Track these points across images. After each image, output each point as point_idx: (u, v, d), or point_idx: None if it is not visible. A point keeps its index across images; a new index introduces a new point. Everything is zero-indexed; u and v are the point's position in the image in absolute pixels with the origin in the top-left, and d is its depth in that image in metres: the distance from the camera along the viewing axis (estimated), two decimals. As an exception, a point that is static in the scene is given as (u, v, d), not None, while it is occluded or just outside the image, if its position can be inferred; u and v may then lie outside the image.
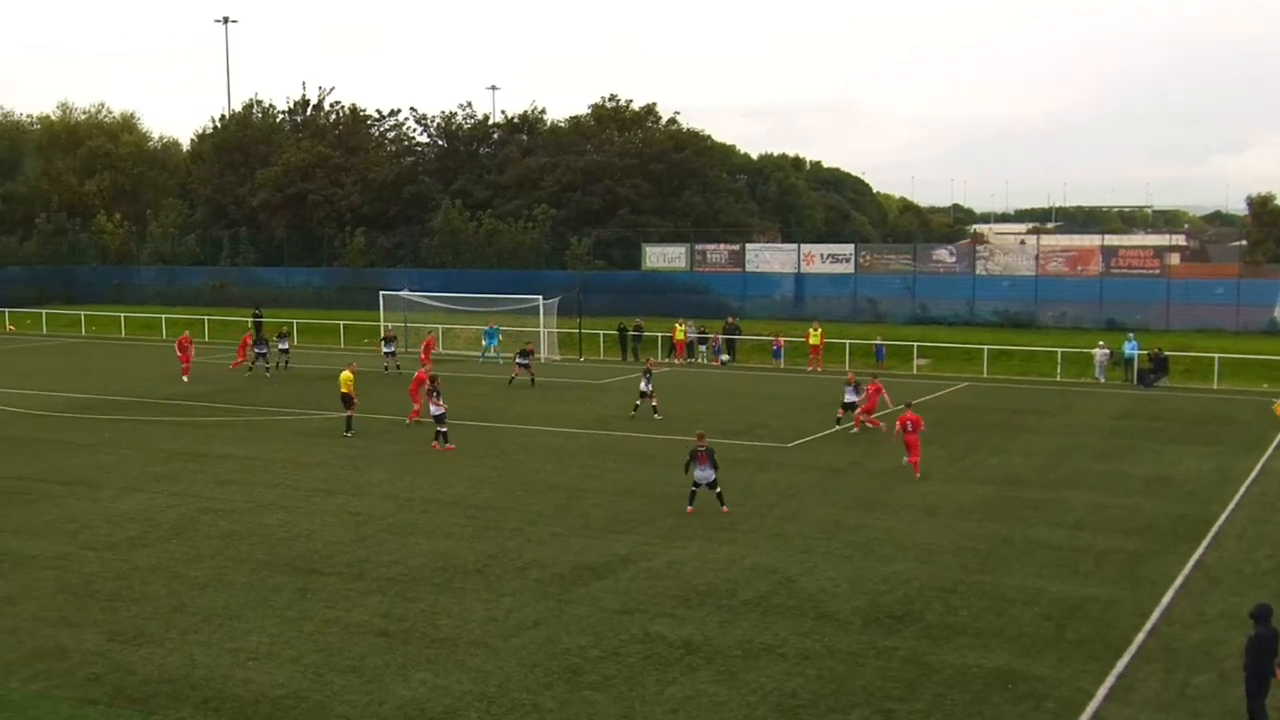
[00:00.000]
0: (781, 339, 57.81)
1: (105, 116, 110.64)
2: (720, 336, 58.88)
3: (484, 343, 58.05)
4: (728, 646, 18.78)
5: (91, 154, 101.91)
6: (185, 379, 48.61)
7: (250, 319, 69.38)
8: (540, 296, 59.71)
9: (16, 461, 33.27)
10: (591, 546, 24.34)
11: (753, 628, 19.63)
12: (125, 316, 75.02)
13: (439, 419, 35.53)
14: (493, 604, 20.75)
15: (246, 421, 40.12)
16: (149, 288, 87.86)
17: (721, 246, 74.25)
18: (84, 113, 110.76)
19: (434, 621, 19.87)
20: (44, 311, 79.16)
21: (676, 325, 59.47)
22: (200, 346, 60.61)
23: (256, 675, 17.58)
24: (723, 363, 57.55)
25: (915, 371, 54.18)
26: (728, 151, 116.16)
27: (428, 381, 37.55)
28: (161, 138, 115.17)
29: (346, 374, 37.98)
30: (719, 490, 27.14)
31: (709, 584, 21.93)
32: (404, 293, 63.00)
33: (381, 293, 63.75)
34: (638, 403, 41.26)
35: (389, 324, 60.30)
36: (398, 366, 51.74)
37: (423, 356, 49.28)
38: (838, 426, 38.44)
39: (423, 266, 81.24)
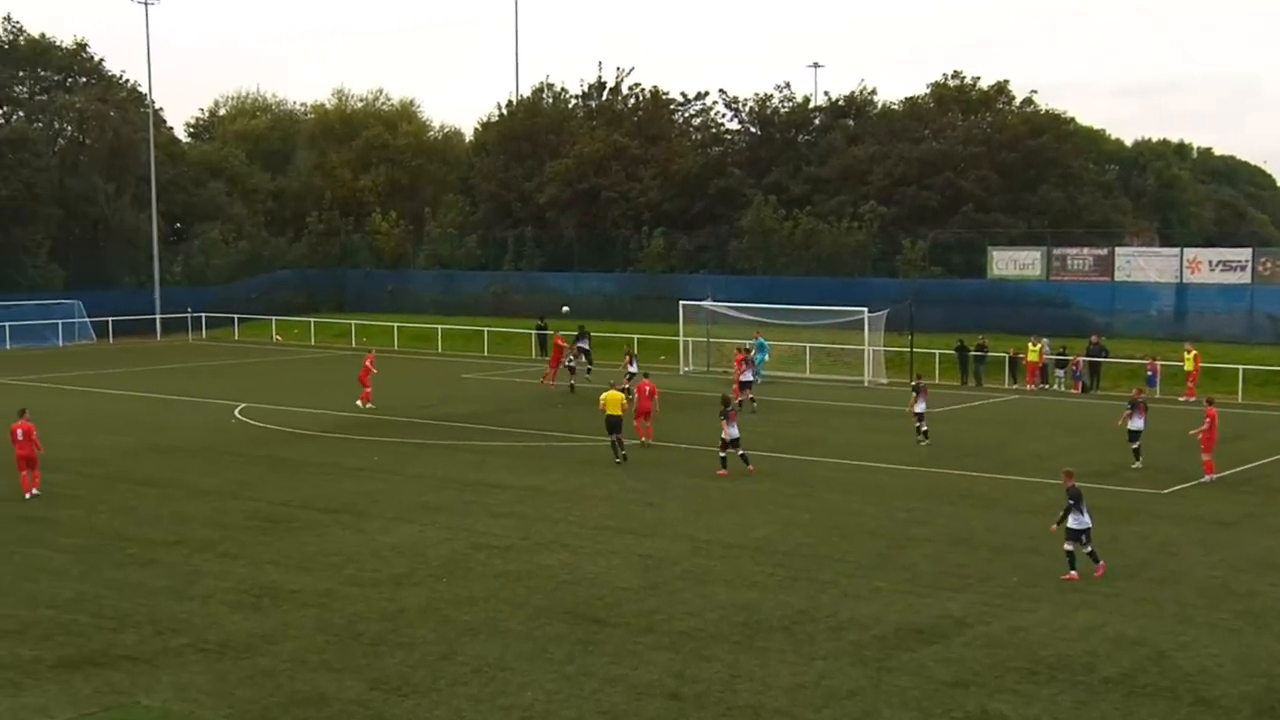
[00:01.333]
0: (1158, 362, 55.77)
1: (383, 104, 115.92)
2: (1082, 359, 57.29)
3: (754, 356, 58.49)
4: (1082, 733, 18.20)
5: (367, 146, 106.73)
6: (362, 404, 49.86)
7: (534, 331, 71.67)
8: (865, 309, 59.40)
9: (281, 486, 35.24)
10: (919, 605, 24.00)
11: (1114, 711, 18.96)
12: (398, 327, 78.31)
13: (732, 443, 36.11)
14: (801, 668, 20.69)
15: (526, 447, 41.33)
16: (425, 295, 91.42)
17: (1085, 250, 72.29)
18: (360, 101, 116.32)
19: (732, 685, 19.95)
20: (312, 320, 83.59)
21: (1029, 344, 58.20)
22: (477, 361, 62.96)
23: (530, 736, 18.02)
24: (1083, 389, 56.06)
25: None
26: (1095, 137, 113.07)
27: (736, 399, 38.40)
28: (442, 127, 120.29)
29: (614, 394, 38.91)
30: (1090, 548, 26.14)
31: (1060, 656, 21.31)
32: (706, 303, 63.74)
33: (682, 303, 64.66)
34: (923, 428, 41.70)
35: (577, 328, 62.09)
36: (588, 371, 51.84)
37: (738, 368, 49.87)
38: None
39: (729, 272, 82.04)
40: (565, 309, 71.42)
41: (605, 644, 21.84)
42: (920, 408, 41.47)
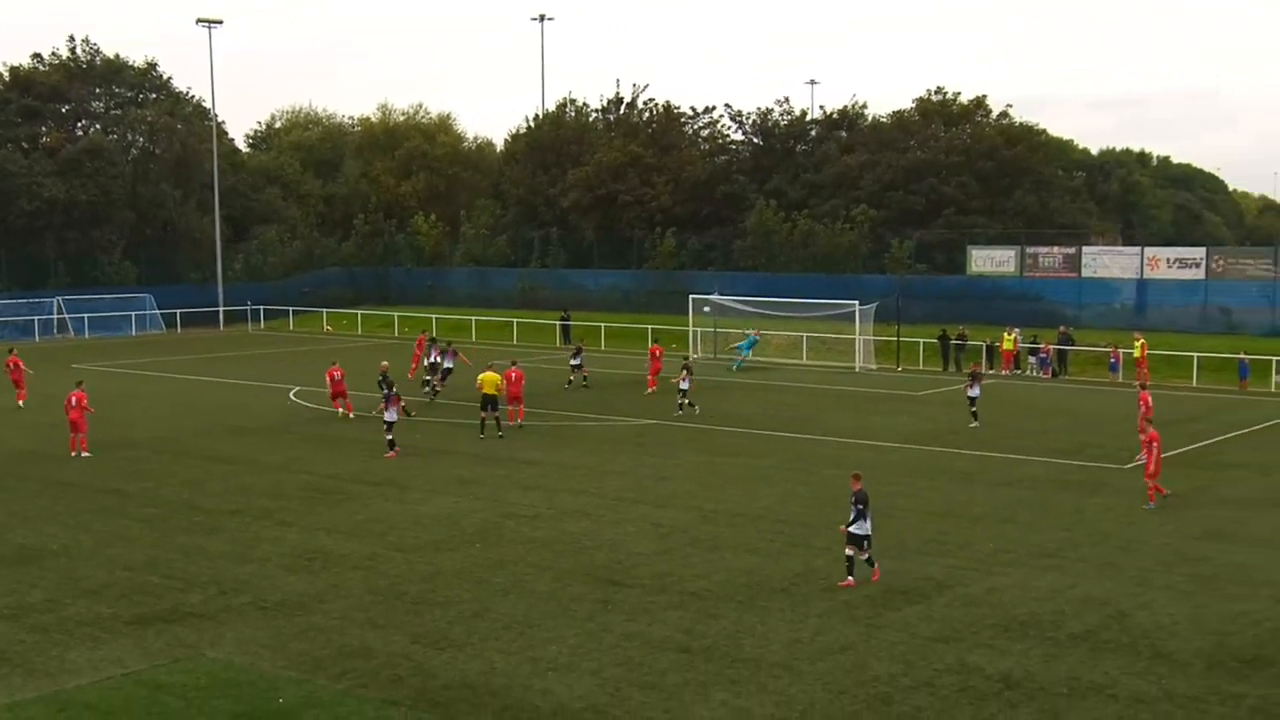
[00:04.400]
0: (1119, 351, 55.66)
1: (423, 117, 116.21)
2: (1051, 347, 57.20)
3: (739, 347, 58.51)
4: (1051, 683, 18.21)
5: (409, 155, 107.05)
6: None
7: (558, 322, 71.93)
8: (857, 302, 59.34)
9: (331, 461, 35.35)
10: (904, 569, 24.02)
11: (1080, 664, 18.97)
12: (437, 318, 78.45)
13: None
14: (799, 625, 20.74)
15: (552, 427, 41.39)
16: (460, 290, 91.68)
17: (1055, 249, 72.09)
18: (402, 114, 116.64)
19: (737, 640, 20.01)
20: (359, 312, 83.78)
21: (1005, 334, 58.08)
22: (508, 349, 62.98)
23: (555, 686, 18.10)
24: (1052, 374, 55.99)
25: (1275, 389, 51.22)
26: (1064, 146, 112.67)
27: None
28: (476, 138, 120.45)
29: (491, 375, 39.41)
30: (868, 555, 23.19)
31: (1032, 614, 21.32)
32: (713, 296, 63.77)
33: (691, 296, 64.75)
34: (976, 411, 41.53)
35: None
36: (584, 378, 51.18)
37: None
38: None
39: (734, 269, 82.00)
40: (707, 306, 65.41)
41: (622, 603, 21.92)
42: (975, 392, 41.68)
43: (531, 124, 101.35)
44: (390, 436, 36.10)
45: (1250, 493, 31.30)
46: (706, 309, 63.95)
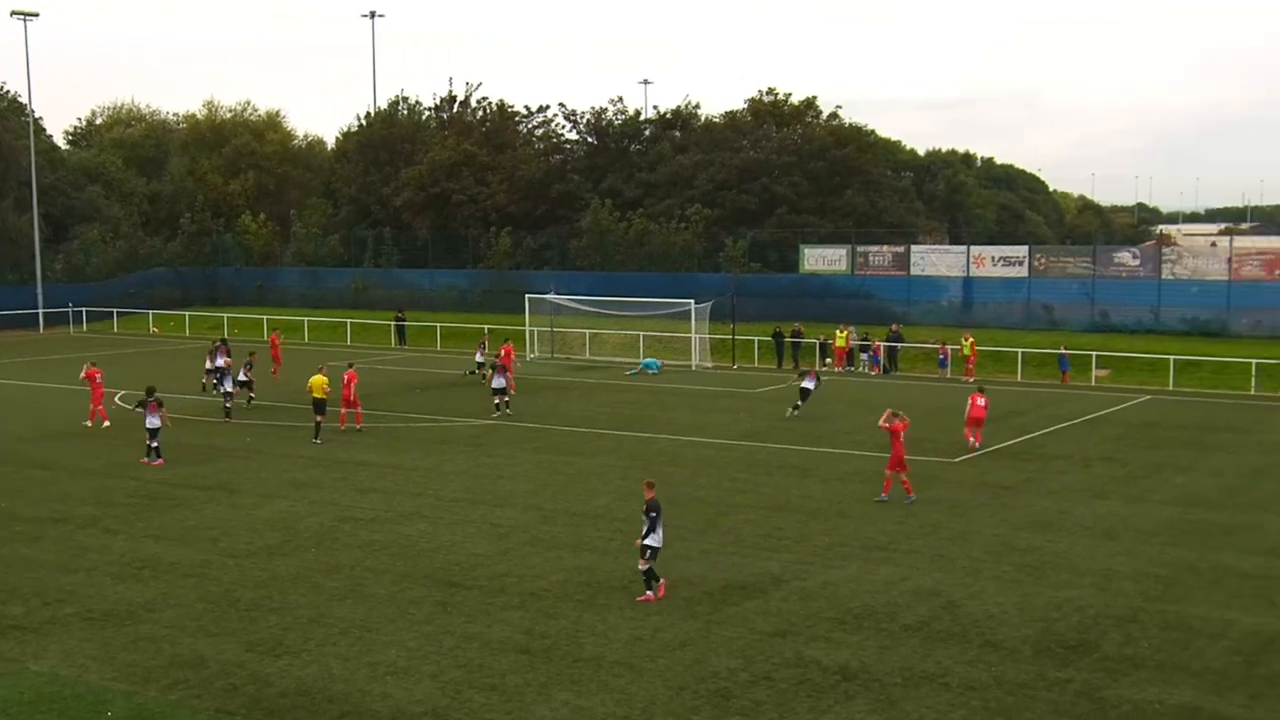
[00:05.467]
0: (947, 347, 57.05)
1: (250, 114, 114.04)
2: (881, 344, 58.34)
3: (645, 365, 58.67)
4: (886, 674, 18.58)
5: (236, 153, 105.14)
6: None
7: (393, 322, 71.26)
8: (692, 300, 59.85)
9: (159, 466, 34.42)
10: (742, 565, 24.30)
11: (913, 654, 19.40)
12: (268, 318, 77.07)
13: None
14: (638, 623, 20.84)
15: (388, 428, 40.94)
16: (292, 290, 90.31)
17: (885, 248, 73.59)
18: (229, 111, 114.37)
19: (577, 639, 20.03)
20: (187, 314, 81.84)
21: (837, 331, 59.04)
22: (341, 351, 62.17)
23: (394, 690, 17.92)
24: (883, 371, 57.11)
25: (1094, 383, 53.00)
26: (892, 147, 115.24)
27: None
28: (306, 136, 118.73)
29: (320, 379, 38.86)
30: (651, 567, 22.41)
31: (866, 606, 21.73)
32: (550, 296, 63.73)
33: (527, 296, 64.61)
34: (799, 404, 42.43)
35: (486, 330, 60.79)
36: (483, 376, 51.08)
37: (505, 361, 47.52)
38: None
39: (570, 269, 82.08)
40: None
41: (461, 605, 21.78)
42: (809, 385, 43.11)
43: (363, 122, 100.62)
44: (154, 444, 35.05)
45: (1073, 483, 32.33)
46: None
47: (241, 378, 45.83)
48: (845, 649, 19.63)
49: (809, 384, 42.99)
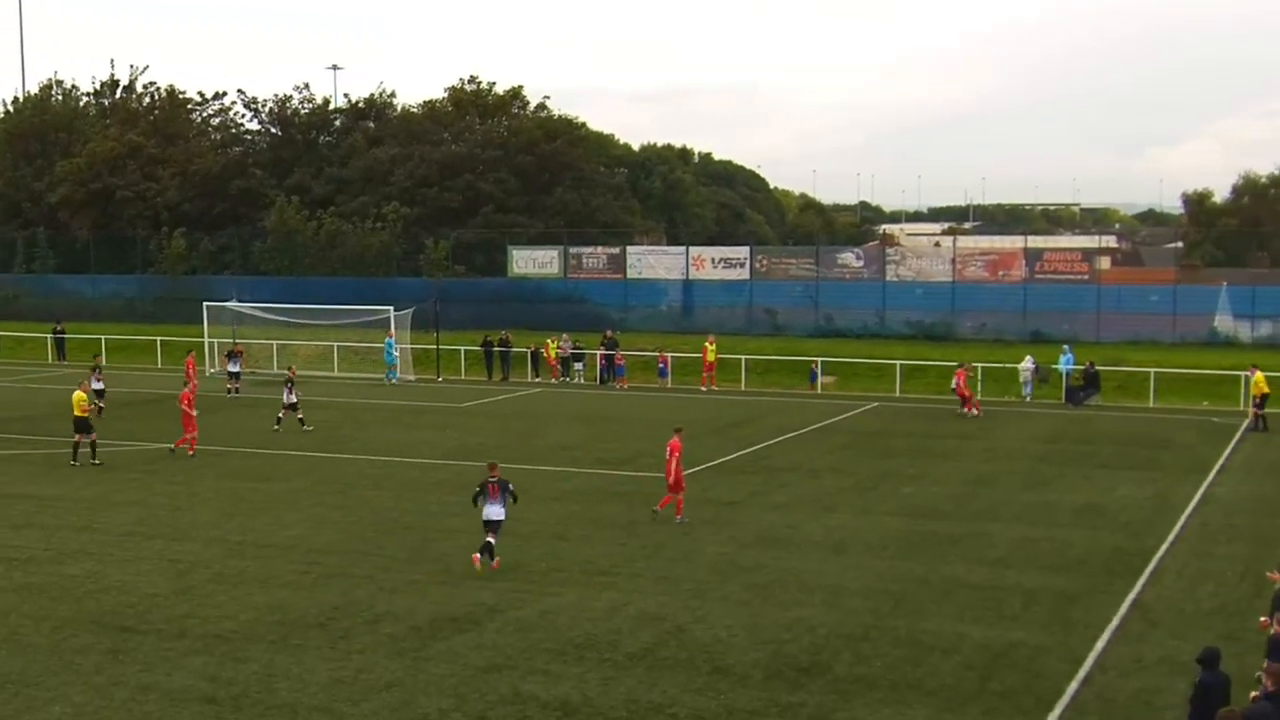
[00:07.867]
0: (667, 355, 57.99)
1: None
2: (595, 352, 58.64)
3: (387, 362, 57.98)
4: (610, 707, 18.76)
5: None
6: None
7: (51, 335, 68.38)
8: (391, 308, 59.36)
9: None
10: (453, 595, 24.17)
11: (638, 685, 19.62)
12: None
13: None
14: (339, 663, 20.50)
15: (46, 455, 39.25)
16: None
17: (599, 250, 74.52)
18: None
19: (269, 685, 19.57)
20: None
21: (548, 341, 59.37)
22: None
23: (59, 752, 17.18)
24: (600, 381, 57.62)
25: (819, 390, 54.78)
26: (605, 141, 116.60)
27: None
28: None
29: (79, 394, 37.76)
30: (493, 541, 25.91)
31: (587, 635, 21.89)
32: (231, 304, 62.26)
33: (206, 304, 62.92)
34: (280, 415, 43.25)
35: (235, 340, 59.12)
36: (237, 390, 50.73)
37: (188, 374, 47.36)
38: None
39: (254, 273, 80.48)
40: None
41: (136, 652, 21.03)
42: (291, 399, 43.63)
43: (10, 109, 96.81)
44: None
45: (800, 496, 33.30)
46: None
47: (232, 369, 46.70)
48: (566, 682, 19.73)
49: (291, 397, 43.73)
